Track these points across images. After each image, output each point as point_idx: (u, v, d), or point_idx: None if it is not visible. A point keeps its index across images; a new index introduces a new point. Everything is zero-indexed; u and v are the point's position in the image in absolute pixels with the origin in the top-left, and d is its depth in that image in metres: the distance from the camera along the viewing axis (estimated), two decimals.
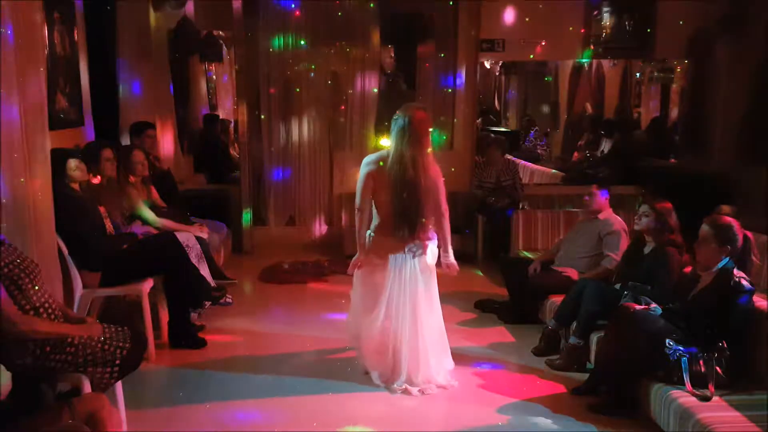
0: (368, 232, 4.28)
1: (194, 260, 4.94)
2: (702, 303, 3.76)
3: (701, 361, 3.55)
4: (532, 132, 9.64)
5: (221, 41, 8.86)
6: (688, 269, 4.10)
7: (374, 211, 4.26)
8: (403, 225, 4.10)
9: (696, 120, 7.80)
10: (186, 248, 4.89)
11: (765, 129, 6.49)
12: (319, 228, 7.96)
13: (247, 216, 7.59)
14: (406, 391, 4.19)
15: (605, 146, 8.61)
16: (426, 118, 4.11)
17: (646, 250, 4.52)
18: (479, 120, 8.09)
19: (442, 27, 7.66)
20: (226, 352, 4.81)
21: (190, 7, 7.94)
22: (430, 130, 4.18)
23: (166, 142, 7.47)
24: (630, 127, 8.81)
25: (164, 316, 4.91)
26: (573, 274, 5.16)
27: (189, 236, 5.11)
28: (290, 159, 7.86)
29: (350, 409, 4.04)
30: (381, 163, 4.13)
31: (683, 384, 3.51)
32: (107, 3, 6.27)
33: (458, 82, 7.63)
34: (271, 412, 3.97)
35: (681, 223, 4.43)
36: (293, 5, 7.39)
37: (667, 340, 3.65)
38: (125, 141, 6.31)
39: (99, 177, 4.89)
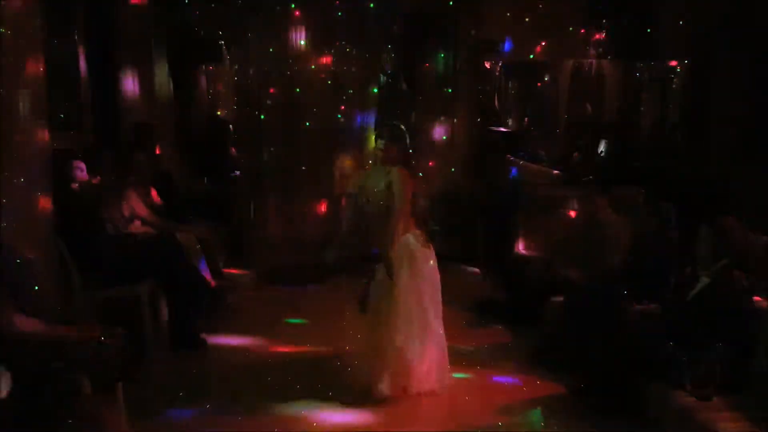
0: None
1: (194, 260, 4.94)
2: (702, 303, 3.76)
3: (701, 361, 3.55)
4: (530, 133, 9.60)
5: (221, 41, 8.86)
6: (688, 269, 4.11)
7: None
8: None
9: (696, 120, 7.79)
10: (186, 248, 4.89)
11: (765, 129, 6.49)
12: (319, 228, 7.95)
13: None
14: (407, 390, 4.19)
15: (604, 146, 8.60)
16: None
17: (647, 250, 4.53)
18: (479, 120, 8.08)
19: (442, 27, 7.66)
20: (226, 353, 4.81)
21: (190, 8, 7.93)
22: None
23: (166, 142, 7.46)
24: (629, 127, 8.80)
25: (164, 317, 4.90)
26: (573, 274, 5.15)
27: (189, 236, 5.11)
28: (290, 159, 7.85)
29: (348, 408, 4.03)
30: None
31: (683, 384, 3.51)
32: (107, 3, 6.28)
33: (458, 82, 7.63)
34: (270, 412, 3.97)
35: (681, 223, 4.44)
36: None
37: (667, 341, 3.65)
38: (125, 141, 6.31)
39: (99, 177, 4.89)
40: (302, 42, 7.55)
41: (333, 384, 4.30)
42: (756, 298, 3.76)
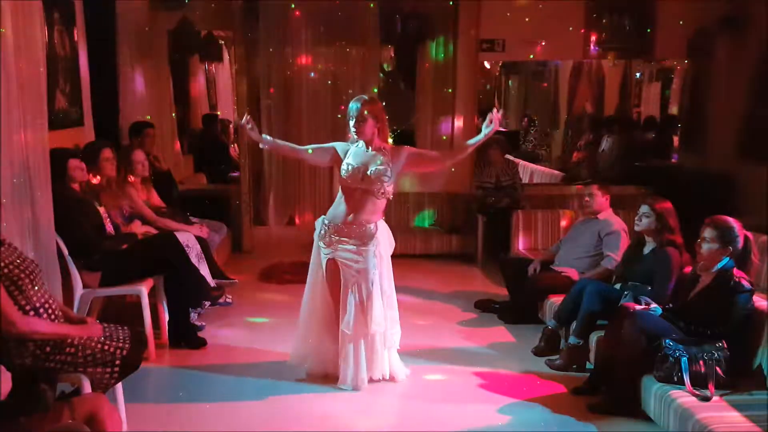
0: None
1: (194, 260, 4.94)
2: (702, 303, 3.76)
3: (701, 361, 3.55)
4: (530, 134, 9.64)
5: (221, 41, 8.87)
6: (688, 269, 4.11)
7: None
8: None
9: (696, 120, 7.80)
10: (186, 248, 4.89)
11: (765, 129, 6.49)
12: None
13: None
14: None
15: (605, 145, 8.62)
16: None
17: (646, 250, 4.53)
18: (479, 120, 8.10)
19: (442, 27, 7.66)
20: (226, 352, 4.81)
21: (190, 7, 7.94)
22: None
23: (166, 142, 7.47)
24: (630, 126, 8.82)
25: (164, 316, 4.91)
26: (573, 274, 5.16)
27: (189, 236, 5.10)
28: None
29: (350, 409, 4.04)
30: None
31: (683, 384, 3.51)
32: (107, 3, 6.28)
33: (458, 82, 7.64)
34: (271, 412, 3.97)
35: (681, 223, 4.43)
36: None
37: (666, 340, 3.65)
38: (125, 141, 6.32)
39: (99, 177, 4.88)
40: (302, 42, 7.55)
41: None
42: (756, 297, 3.75)
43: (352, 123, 4.13)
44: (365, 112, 4.09)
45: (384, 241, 4.23)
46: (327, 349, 4.33)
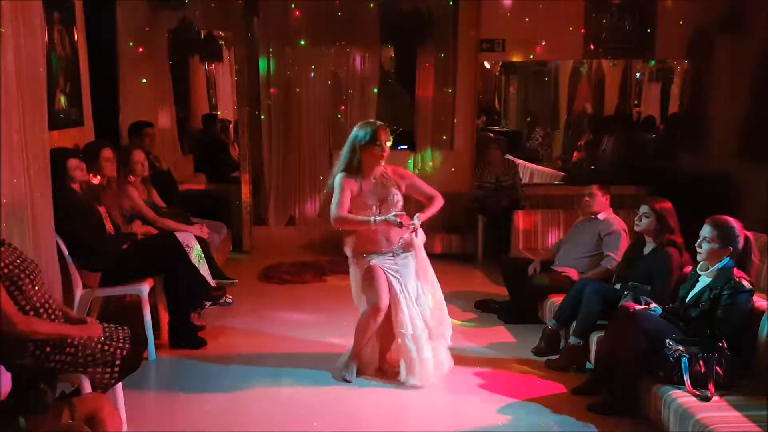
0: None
1: (194, 260, 4.94)
2: (702, 303, 3.76)
3: (701, 361, 3.55)
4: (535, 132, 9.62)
5: (221, 41, 8.87)
6: (688, 269, 4.11)
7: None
8: None
9: (696, 120, 7.80)
10: (186, 248, 4.89)
11: (765, 129, 6.49)
12: (319, 228, 7.94)
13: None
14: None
15: (605, 145, 8.61)
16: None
17: (646, 250, 4.53)
18: (479, 120, 8.10)
19: (442, 27, 7.66)
20: (226, 353, 4.81)
21: (190, 7, 7.94)
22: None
23: (166, 142, 7.46)
24: (630, 126, 8.81)
25: (164, 316, 4.91)
26: (573, 274, 5.16)
27: (189, 236, 5.10)
28: (290, 159, 7.85)
29: (350, 409, 4.04)
30: None
31: (683, 384, 3.51)
32: (107, 3, 6.28)
33: (458, 82, 7.64)
34: (271, 412, 3.98)
35: (681, 223, 4.43)
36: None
37: (667, 340, 3.65)
38: (125, 141, 6.32)
39: (99, 177, 4.89)
40: (302, 42, 7.54)
41: (331, 377, 4.34)
42: (756, 297, 3.75)
43: (379, 149, 4.17)
44: (389, 140, 4.21)
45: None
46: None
